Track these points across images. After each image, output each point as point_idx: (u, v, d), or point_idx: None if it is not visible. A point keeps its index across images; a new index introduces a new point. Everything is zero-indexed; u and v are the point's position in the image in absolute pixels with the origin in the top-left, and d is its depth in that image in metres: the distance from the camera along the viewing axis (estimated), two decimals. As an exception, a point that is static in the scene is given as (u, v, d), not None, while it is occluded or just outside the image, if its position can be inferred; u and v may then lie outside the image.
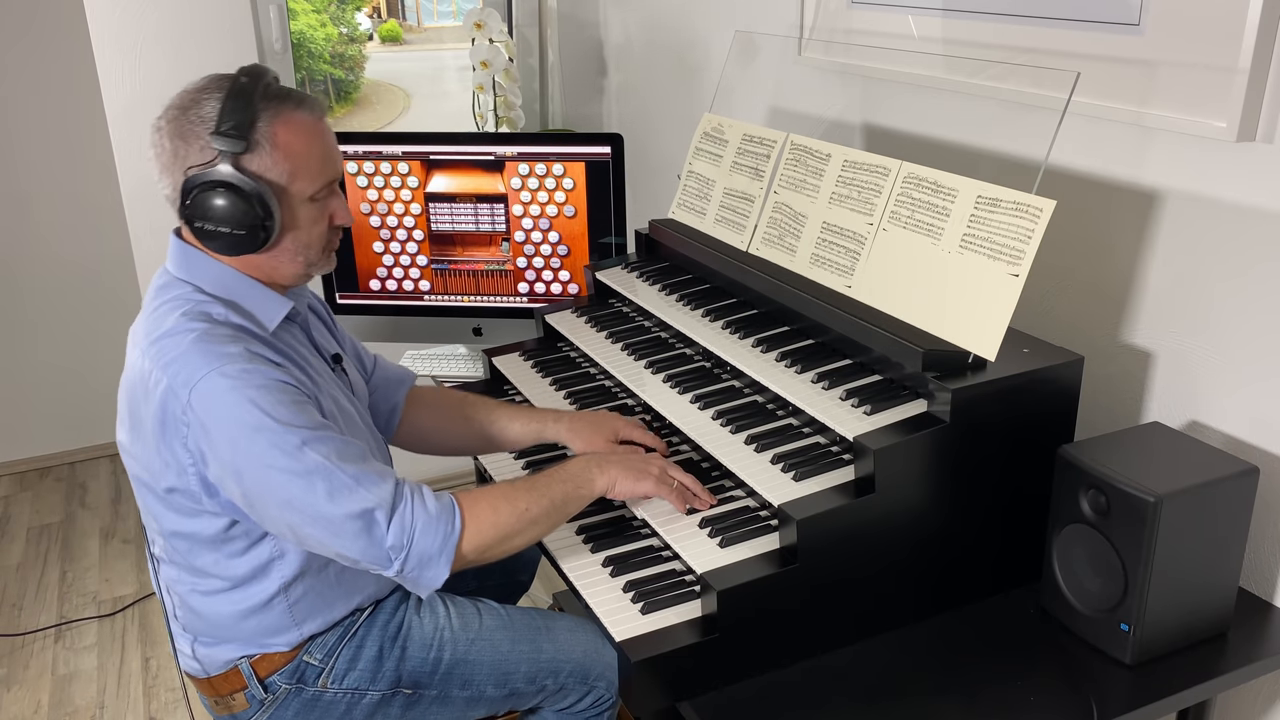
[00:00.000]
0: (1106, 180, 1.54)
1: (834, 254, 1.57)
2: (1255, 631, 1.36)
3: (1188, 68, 1.38)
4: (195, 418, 1.23)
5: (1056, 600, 1.36)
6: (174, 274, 1.35)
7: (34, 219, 3.49)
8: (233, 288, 1.34)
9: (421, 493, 1.29)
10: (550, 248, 2.30)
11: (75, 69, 3.34)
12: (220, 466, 1.25)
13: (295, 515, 1.24)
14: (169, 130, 1.30)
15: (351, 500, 1.24)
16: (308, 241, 1.36)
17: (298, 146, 1.30)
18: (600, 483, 1.41)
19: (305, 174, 1.32)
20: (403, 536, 1.25)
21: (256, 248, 1.31)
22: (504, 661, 1.47)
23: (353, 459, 1.26)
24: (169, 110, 1.31)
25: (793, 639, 1.31)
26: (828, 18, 2.06)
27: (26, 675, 2.62)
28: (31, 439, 3.68)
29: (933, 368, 1.34)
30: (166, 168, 1.31)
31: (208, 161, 1.27)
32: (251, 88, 1.28)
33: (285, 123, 1.30)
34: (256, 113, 1.28)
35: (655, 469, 1.44)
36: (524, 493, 1.35)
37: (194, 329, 1.27)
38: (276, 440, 1.22)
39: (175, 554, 1.38)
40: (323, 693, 1.42)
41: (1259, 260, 1.36)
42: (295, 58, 2.91)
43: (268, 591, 1.36)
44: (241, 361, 1.24)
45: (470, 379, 2.30)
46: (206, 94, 1.29)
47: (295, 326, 1.42)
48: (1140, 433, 1.38)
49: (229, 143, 1.26)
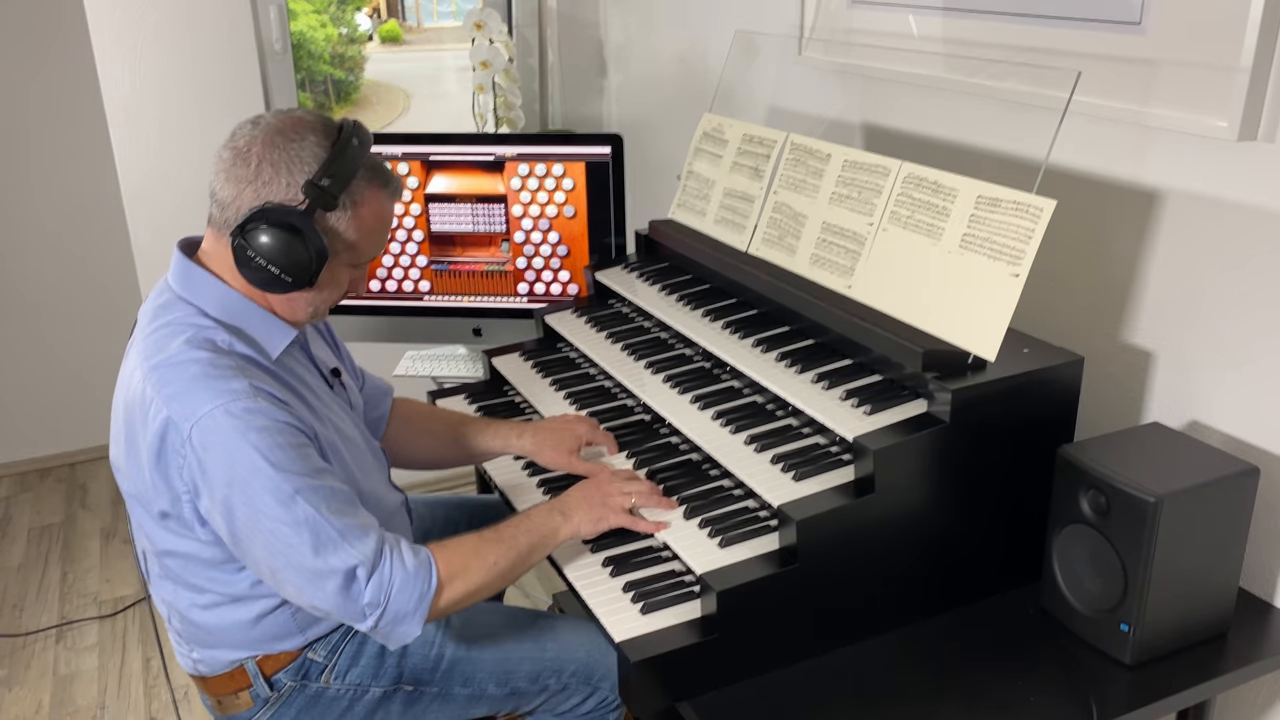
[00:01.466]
0: (1107, 180, 1.54)
1: (834, 254, 1.57)
2: (1255, 631, 1.36)
3: (1189, 67, 1.38)
4: (193, 453, 1.22)
5: (1056, 600, 1.36)
6: (176, 292, 1.33)
7: (34, 219, 3.49)
8: (237, 313, 1.32)
9: (400, 549, 1.29)
10: (550, 248, 2.30)
11: (75, 69, 3.34)
12: (212, 502, 1.24)
13: (278, 560, 1.24)
14: (261, 149, 1.27)
15: (335, 556, 1.24)
16: (326, 298, 1.37)
17: (372, 223, 1.33)
18: (565, 530, 1.43)
19: (365, 248, 1.35)
20: (379, 594, 1.26)
21: (288, 291, 1.30)
22: (506, 660, 1.47)
23: (341, 511, 1.26)
24: (265, 127, 1.28)
25: (793, 639, 1.31)
26: (828, 18, 2.06)
27: (28, 675, 2.62)
28: (32, 440, 3.68)
29: (933, 368, 1.34)
30: (239, 179, 1.27)
31: (292, 201, 1.27)
32: (359, 154, 1.29)
33: (373, 197, 1.32)
34: (355, 178, 1.29)
35: (613, 500, 1.45)
36: (493, 545, 1.36)
37: (198, 359, 1.24)
38: (271, 486, 1.22)
39: (171, 571, 1.37)
40: (326, 689, 1.42)
41: (1260, 259, 1.35)
42: (295, 58, 2.91)
43: (269, 604, 1.36)
44: (245, 399, 1.23)
45: (470, 379, 2.30)
46: (311, 132, 1.28)
47: (295, 345, 1.40)
48: (1140, 433, 1.38)
49: (322, 197, 1.26)
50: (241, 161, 1.27)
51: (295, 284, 1.29)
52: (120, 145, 2.70)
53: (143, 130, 2.70)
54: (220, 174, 1.29)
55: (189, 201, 2.77)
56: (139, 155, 2.73)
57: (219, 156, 1.29)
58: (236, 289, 1.33)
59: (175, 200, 2.77)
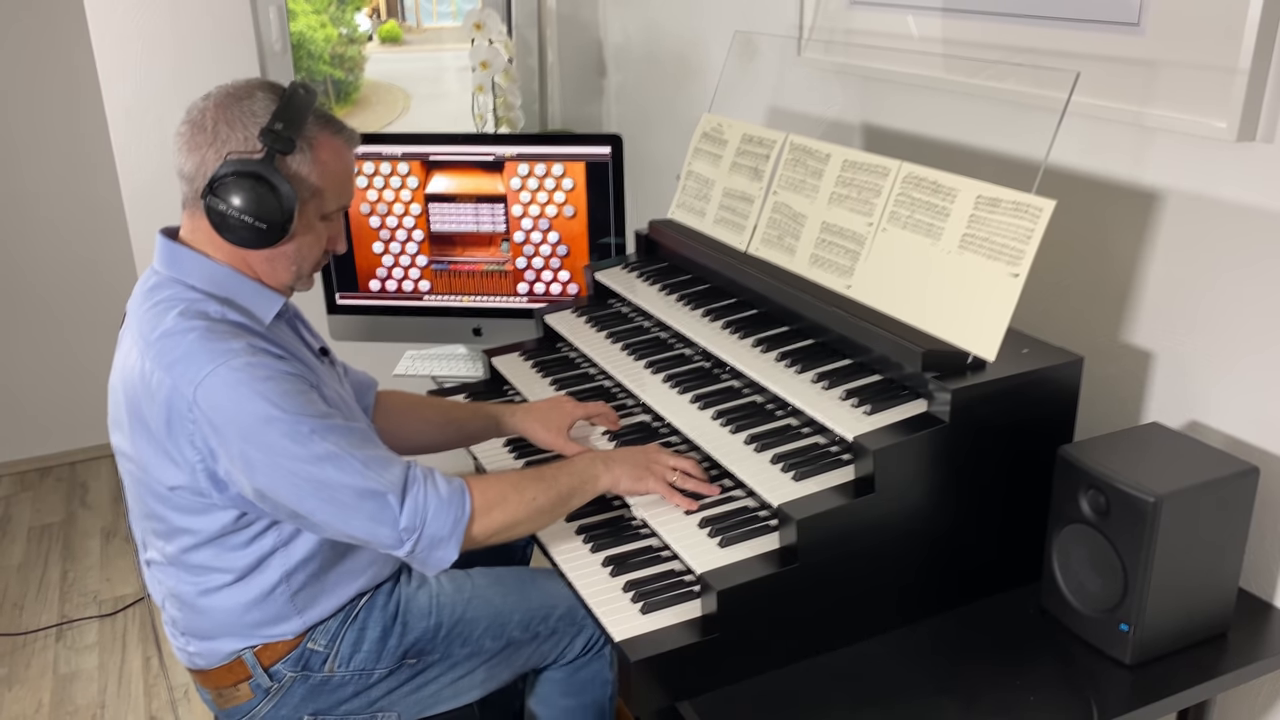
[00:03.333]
0: (1106, 180, 1.54)
1: (833, 254, 1.57)
2: (1255, 631, 1.36)
3: (1188, 68, 1.38)
4: (202, 414, 1.25)
5: (1056, 600, 1.36)
6: (165, 273, 1.36)
7: (34, 219, 3.49)
8: (225, 284, 1.36)
9: (433, 476, 1.33)
10: (550, 248, 2.30)
11: (75, 69, 3.34)
12: (230, 461, 1.27)
13: (308, 502, 1.27)
14: (214, 112, 1.31)
15: (363, 484, 1.27)
16: (306, 255, 1.40)
17: (332, 165, 1.37)
18: (605, 480, 1.47)
19: (330, 191, 1.38)
20: (415, 518, 1.30)
21: (267, 244, 1.33)
22: (498, 614, 1.52)
23: (360, 444, 1.30)
24: (216, 95, 1.33)
25: (792, 639, 1.31)
26: (827, 18, 2.06)
27: (28, 675, 2.62)
28: (32, 439, 3.68)
29: (932, 368, 1.34)
30: (200, 145, 1.31)
31: (250, 151, 1.30)
32: (307, 101, 1.34)
33: (328, 140, 1.37)
34: (306, 122, 1.34)
35: (657, 467, 1.48)
36: (532, 482, 1.41)
37: (194, 327, 1.28)
38: (287, 430, 1.25)
39: (174, 555, 1.38)
40: (330, 677, 1.44)
41: (1259, 260, 1.36)
42: (295, 58, 2.91)
43: (270, 581, 1.38)
44: (245, 355, 1.27)
45: (470, 379, 2.30)
46: (260, 91, 1.34)
47: (284, 324, 1.43)
48: (1140, 433, 1.38)
49: (278, 141, 1.30)
50: (198, 130, 1.32)
51: (270, 232, 1.31)
52: (120, 145, 2.70)
53: (143, 130, 2.70)
54: (182, 150, 1.33)
55: (189, 201, 2.77)
56: (139, 155, 2.73)
57: (177, 135, 1.34)
58: (222, 261, 1.36)
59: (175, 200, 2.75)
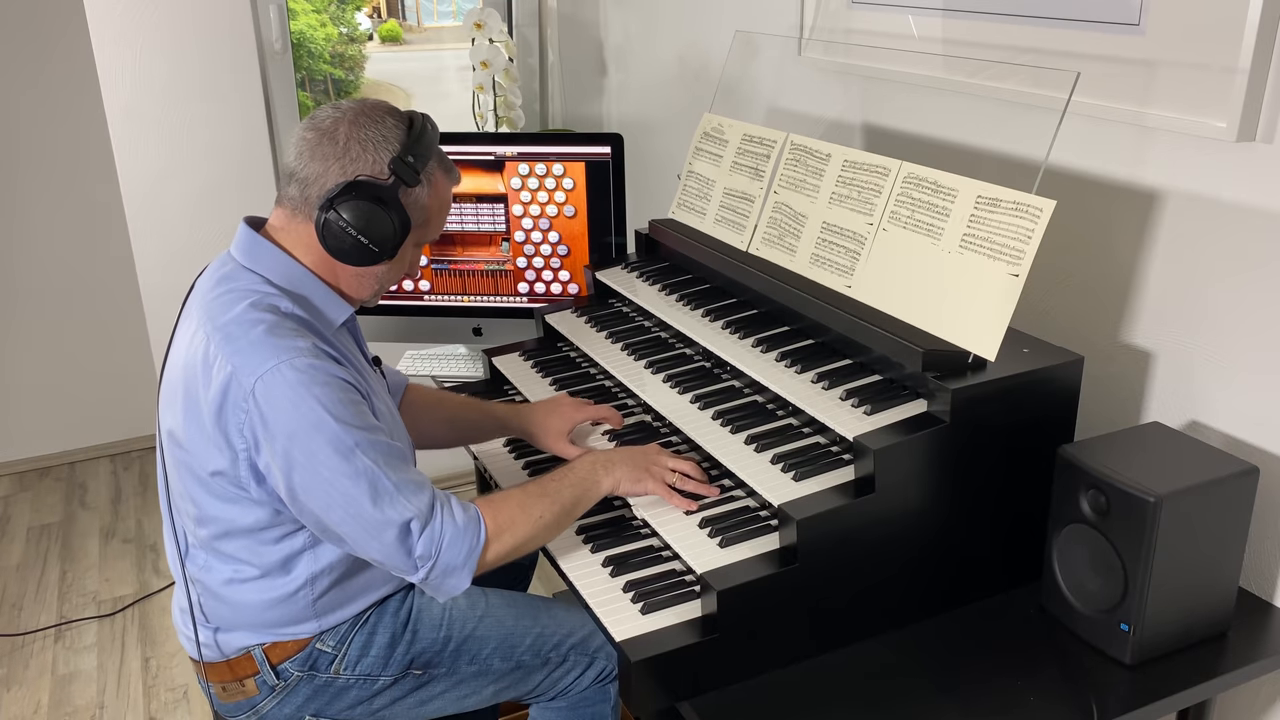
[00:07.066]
0: (1106, 180, 1.54)
1: (834, 254, 1.57)
2: (1255, 631, 1.36)
3: (1188, 68, 1.38)
4: (255, 406, 1.26)
5: (1056, 600, 1.36)
6: (241, 262, 1.38)
7: (34, 219, 3.49)
8: (301, 283, 1.38)
9: (450, 503, 1.34)
10: (550, 248, 2.30)
11: (75, 69, 3.34)
12: (271, 455, 1.28)
13: (335, 513, 1.28)
14: (349, 129, 1.34)
15: (392, 508, 1.28)
16: (390, 277, 1.44)
17: (439, 203, 1.44)
18: (606, 484, 1.47)
19: (432, 226, 1.44)
20: (431, 547, 1.30)
21: (368, 263, 1.37)
22: (510, 635, 1.51)
23: (397, 466, 1.31)
24: (348, 110, 1.36)
25: (793, 639, 1.31)
26: (828, 18, 2.06)
27: (26, 675, 2.62)
28: (31, 439, 3.68)
29: (933, 368, 1.34)
30: (326, 156, 1.33)
31: (378, 175, 1.34)
32: (434, 137, 1.40)
33: (442, 179, 1.43)
34: (431, 159, 1.39)
35: (656, 469, 1.48)
36: (538, 500, 1.41)
37: (263, 319, 1.30)
38: (332, 438, 1.26)
39: (205, 540, 1.39)
40: (335, 679, 1.44)
41: (1259, 260, 1.36)
42: (295, 58, 2.91)
43: (295, 583, 1.39)
44: (309, 356, 1.28)
45: (470, 379, 2.30)
46: (388, 115, 1.37)
47: (345, 331, 1.45)
48: (1140, 433, 1.38)
49: (407, 173, 1.35)
50: (329, 140, 1.34)
51: (380, 254, 1.36)
52: (120, 145, 2.70)
53: (143, 130, 2.70)
54: (305, 153, 1.35)
55: (189, 201, 2.78)
56: (139, 155, 2.72)
57: (301, 137, 1.35)
58: (303, 264, 1.38)
59: (175, 200, 2.77)
